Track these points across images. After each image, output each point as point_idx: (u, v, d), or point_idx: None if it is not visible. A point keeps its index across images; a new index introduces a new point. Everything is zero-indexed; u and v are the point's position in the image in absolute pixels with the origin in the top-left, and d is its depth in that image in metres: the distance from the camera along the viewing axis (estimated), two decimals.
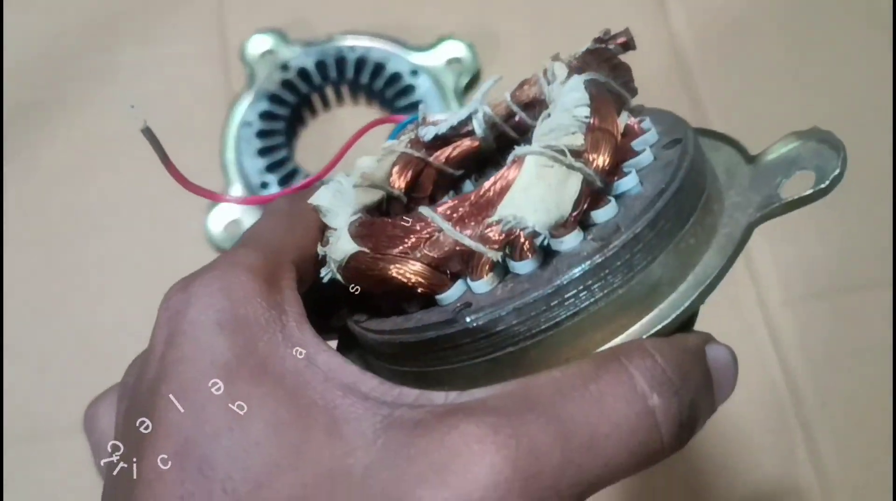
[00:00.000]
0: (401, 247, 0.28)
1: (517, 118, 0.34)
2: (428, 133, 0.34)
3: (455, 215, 0.28)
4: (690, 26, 0.71)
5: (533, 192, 0.27)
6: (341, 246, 0.29)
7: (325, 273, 0.30)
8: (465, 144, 0.35)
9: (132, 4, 0.74)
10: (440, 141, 0.34)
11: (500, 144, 0.35)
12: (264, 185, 0.63)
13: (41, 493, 0.58)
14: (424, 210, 0.28)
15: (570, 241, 0.27)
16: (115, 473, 0.27)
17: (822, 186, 0.30)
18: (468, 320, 0.27)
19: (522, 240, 0.27)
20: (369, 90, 0.68)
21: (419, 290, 0.28)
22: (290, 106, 0.66)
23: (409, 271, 0.28)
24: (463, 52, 0.69)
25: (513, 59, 0.71)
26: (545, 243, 0.27)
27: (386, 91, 0.67)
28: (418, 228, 0.28)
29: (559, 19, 0.72)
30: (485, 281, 0.28)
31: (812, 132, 0.32)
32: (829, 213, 0.64)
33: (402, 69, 0.67)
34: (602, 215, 0.28)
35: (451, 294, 0.28)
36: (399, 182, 0.34)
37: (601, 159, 0.28)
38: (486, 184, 0.28)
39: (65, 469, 0.58)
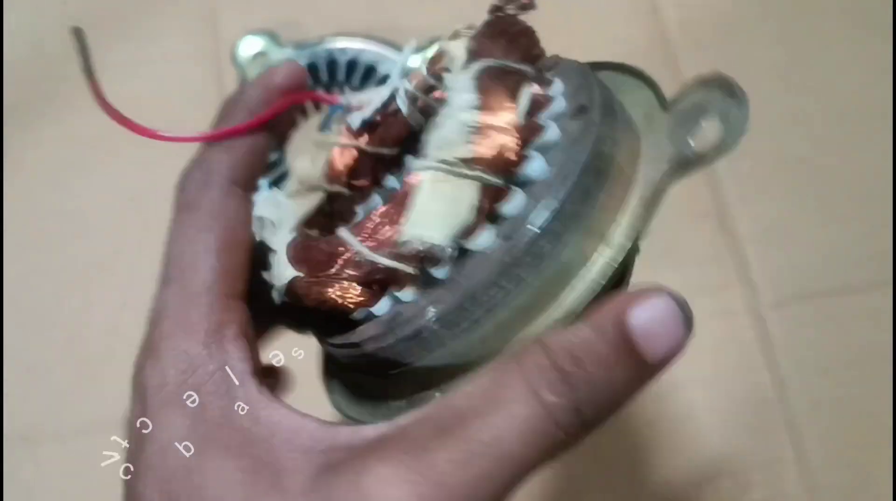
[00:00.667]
0: (329, 270, 0.29)
1: (435, 91, 0.34)
2: (355, 120, 0.34)
3: (368, 234, 0.29)
4: (682, 26, 0.71)
5: (431, 208, 0.28)
6: (281, 272, 0.30)
7: (277, 297, 0.31)
8: (394, 123, 0.35)
9: (123, 4, 0.74)
10: (369, 125, 0.35)
11: (426, 113, 0.34)
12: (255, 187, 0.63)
13: (31, 496, 0.59)
14: (342, 232, 0.29)
15: (483, 240, 0.28)
16: None
17: (730, 145, 0.29)
18: (398, 332, 0.29)
19: (434, 253, 0.28)
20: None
21: (354, 307, 0.29)
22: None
23: (339, 292, 0.29)
24: None
25: None
26: (456, 248, 0.28)
27: None
28: (340, 250, 0.29)
29: (551, 21, 0.72)
30: (409, 292, 0.29)
31: (715, 79, 0.32)
32: (819, 214, 0.65)
33: (392, 72, 0.67)
34: (510, 207, 0.28)
35: (383, 306, 0.29)
36: (337, 175, 0.34)
37: (494, 160, 0.28)
38: (389, 214, 0.29)
39: (55, 473, 0.59)
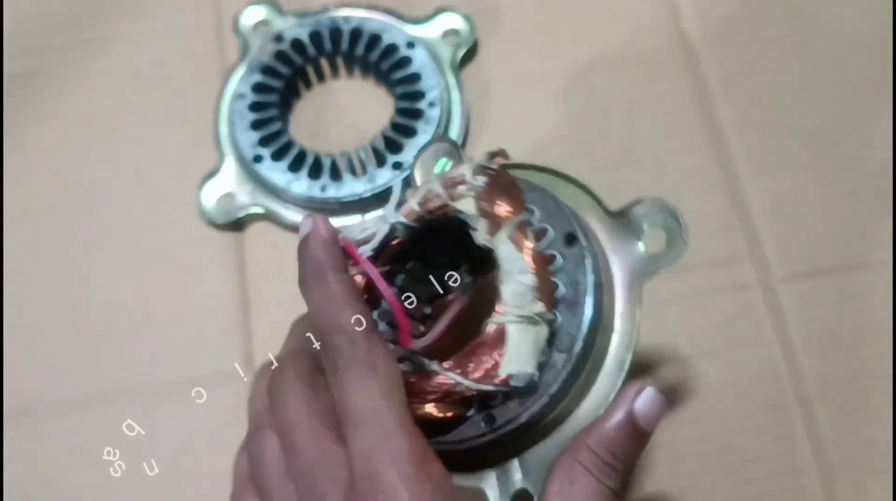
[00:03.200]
0: (431, 397, 0.41)
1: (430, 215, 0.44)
2: (365, 252, 0.43)
3: (466, 371, 0.40)
4: (696, 4, 0.70)
5: (524, 349, 0.40)
6: None
7: None
8: (393, 245, 0.45)
9: None
10: (380, 249, 0.44)
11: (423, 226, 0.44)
12: (258, 158, 0.62)
13: (32, 470, 0.58)
14: (446, 373, 0.40)
15: (553, 358, 0.41)
16: None
17: (677, 258, 0.44)
18: (499, 430, 0.41)
19: (531, 379, 0.40)
20: (364, 62, 0.67)
21: (451, 417, 0.41)
22: (284, 78, 0.65)
23: (439, 410, 0.41)
24: (460, 24, 0.68)
25: (511, 32, 0.70)
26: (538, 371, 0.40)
27: (381, 63, 0.65)
28: (442, 384, 0.40)
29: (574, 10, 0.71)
30: (499, 403, 0.41)
31: (657, 201, 0.45)
32: (833, 187, 0.64)
33: (398, 41, 0.66)
34: (562, 326, 0.42)
35: (474, 414, 0.42)
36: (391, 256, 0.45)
37: (549, 303, 0.41)
38: (483, 353, 0.40)
39: (56, 446, 0.58)
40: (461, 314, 0.45)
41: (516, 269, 0.41)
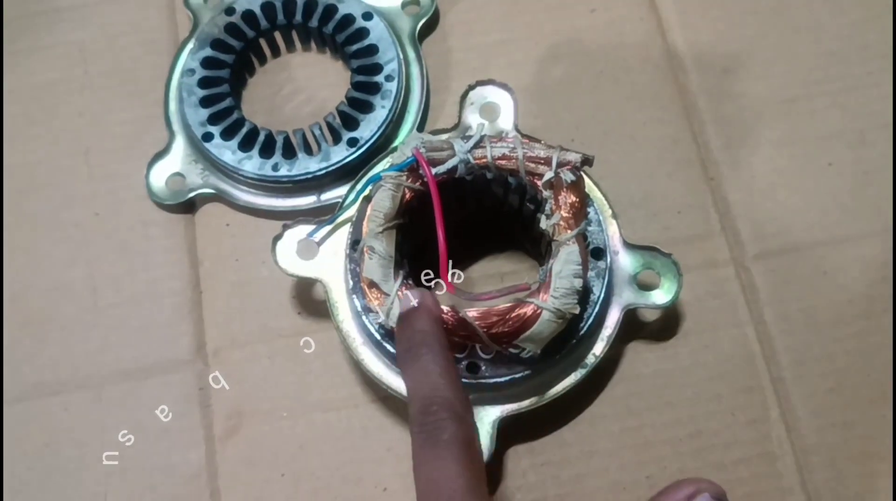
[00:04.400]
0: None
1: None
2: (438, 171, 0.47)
3: (489, 324, 0.45)
4: None
5: (544, 334, 0.44)
6: (395, 311, 0.45)
7: (382, 322, 0.46)
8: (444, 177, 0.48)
9: None
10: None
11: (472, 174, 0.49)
12: (207, 136, 0.60)
13: None
14: (472, 321, 0.45)
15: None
16: None
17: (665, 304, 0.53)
18: (481, 374, 0.49)
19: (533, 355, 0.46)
20: (319, 34, 0.64)
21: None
22: (236, 52, 0.62)
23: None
24: None
25: (474, 1, 0.66)
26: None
27: (336, 35, 0.62)
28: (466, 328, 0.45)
29: None
30: (490, 357, 0.48)
31: (671, 257, 0.53)
32: (807, 164, 0.61)
33: (354, 12, 0.63)
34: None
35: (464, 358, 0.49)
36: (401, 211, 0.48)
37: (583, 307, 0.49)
38: (514, 313, 0.44)
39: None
40: None
41: (571, 272, 0.44)
